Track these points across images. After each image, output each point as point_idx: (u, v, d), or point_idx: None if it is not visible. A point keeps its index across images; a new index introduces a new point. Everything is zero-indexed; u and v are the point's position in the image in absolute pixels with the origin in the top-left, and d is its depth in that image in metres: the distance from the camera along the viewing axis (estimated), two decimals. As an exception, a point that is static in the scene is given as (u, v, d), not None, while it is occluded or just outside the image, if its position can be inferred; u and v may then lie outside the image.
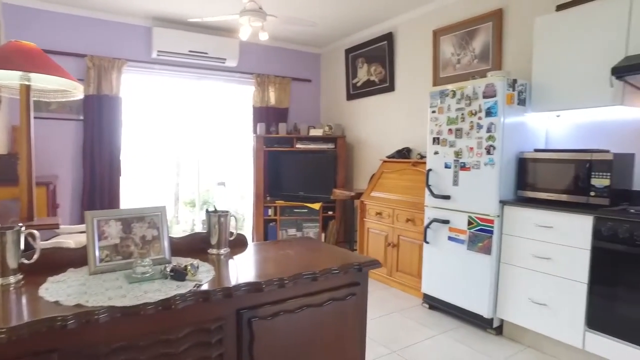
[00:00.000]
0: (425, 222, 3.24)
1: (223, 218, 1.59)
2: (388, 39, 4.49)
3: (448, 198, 3.07)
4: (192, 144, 5.05)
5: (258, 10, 3.22)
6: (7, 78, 1.95)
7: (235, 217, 1.68)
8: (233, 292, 1.20)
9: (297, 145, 5.01)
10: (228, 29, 4.73)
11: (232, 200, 5.49)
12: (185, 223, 5.43)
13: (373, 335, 2.75)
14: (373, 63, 4.75)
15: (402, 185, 3.93)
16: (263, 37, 3.45)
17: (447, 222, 3.07)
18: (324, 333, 1.39)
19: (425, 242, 3.25)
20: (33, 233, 1.27)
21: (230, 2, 3.88)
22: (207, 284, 1.23)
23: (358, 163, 5.20)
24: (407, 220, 3.65)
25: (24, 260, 1.25)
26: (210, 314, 1.20)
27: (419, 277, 3.40)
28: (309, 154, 5.05)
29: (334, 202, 4.95)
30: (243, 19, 3.25)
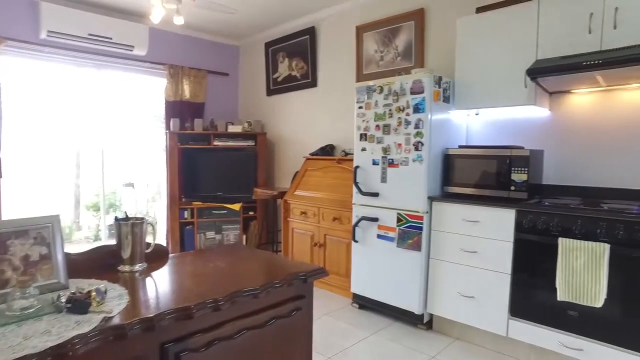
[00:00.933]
0: (354, 220, 3.17)
1: (137, 228, 1.31)
2: (310, 34, 4.37)
3: (376, 195, 3.03)
4: (94, 141, 4.45)
5: (172, -10, 2.87)
6: None
7: (153, 224, 1.40)
8: (156, 322, 0.95)
9: (214, 143, 4.67)
10: (137, 12, 4.24)
11: (142, 203, 4.97)
12: (89, 229, 4.78)
13: (305, 343, 2.60)
14: (295, 58, 4.60)
15: (327, 183, 3.83)
16: (178, 21, 3.10)
17: (375, 219, 3.03)
18: (268, 357, 1.20)
19: (354, 240, 3.17)
20: None
21: (137, -20, 3.45)
22: (119, 315, 0.97)
23: (280, 161, 5.02)
24: (333, 219, 3.56)
25: None
26: (126, 355, 0.93)
27: (348, 276, 3.33)
28: (228, 152, 4.75)
29: (255, 202, 4.71)
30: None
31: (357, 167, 3.17)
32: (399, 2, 3.58)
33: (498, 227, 2.46)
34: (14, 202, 3.93)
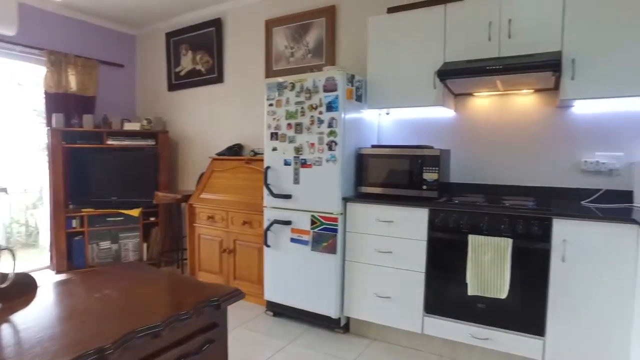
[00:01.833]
0: (265, 224, 3.01)
1: (-10, 253, 1.01)
2: (216, 26, 4.09)
3: (289, 197, 2.90)
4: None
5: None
6: None
7: (12, 251, 1.09)
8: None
9: (108, 142, 4.16)
10: (-1, -13, 3.57)
11: (17, 211, 4.24)
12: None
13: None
14: (199, 51, 4.27)
15: (236, 185, 3.60)
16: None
17: (288, 223, 2.90)
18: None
19: (266, 245, 3.01)
20: None
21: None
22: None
23: (184, 161, 4.64)
24: (244, 223, 3.35)
25: None
26: None
27: (261, 283, 3.16)
28: (124, 152, 4.26)
29: (157, 206, 4.30)
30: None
31: (267, 167, 3.00)
32: (309, -2, 3.49)
33: (412, 226, 2.48)
34: None
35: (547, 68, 2.15)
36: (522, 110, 2.75)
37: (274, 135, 2.96)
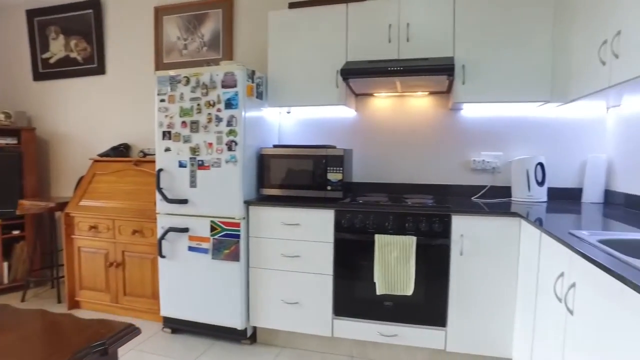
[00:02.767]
0: (159, 232, 2.70)
1: None
2: (95, 8, 3.59)
3: (185, 202, 2.64)
4: None
5: None
6: None
7: None
8: None
9: (-50, 140, 3.40)
10: None
11: None
12: None
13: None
14: (73, 36, 3.72)
15: (123, 190, 3.20)
16: None
17: (186, 230, 2.64)
18: None
19: (161, 256, 2.71)
20: None
21: None
22: None
23: (58, 164, 4.01)
24: (134, 232, 2.99)
25: None
26: None
27: (156, 298, 2.84)
28: (-25, 153, 3.52)
29: (23, 217, 3.64)
30: None
31: (160, 170, 2.70)
32: (204, -14, 3.24)
33: (318, 228, 2.42)
34: None
35: (443, 72, 2.25)
36: (418, 112, 2.87)
37: (167, 134, 2.67)
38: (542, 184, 2.51)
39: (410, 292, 2.21)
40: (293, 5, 2.75)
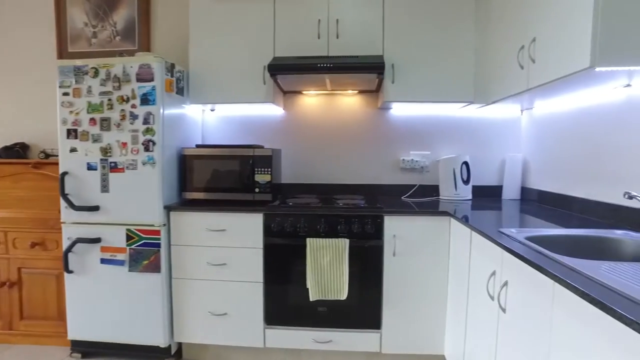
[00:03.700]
0: (65, 244, 2.38)
1: None
2: (-23, -15, 3.08)
3: (96, 209, 2.35)
4: None
5: None
6: None
7: None
8: None
9: None
10: None
11: None
12: None
13: None
14: (-49, 16, 3.17)
15: (19, 197, 2.78)
16: None
17: (97, 240, 2.35)
18: None
19: (67, 271, 2.39)
20: None
21: None
22: None
23: None
24: (33, 246, 2.60)
25: None
26: None
27: (63, 319, 2.51)
28: None
29: None
30: None
31: (64, 173, 2.38)
32: (114, -32, 2.92)
33: (246, 233, 2.28)
34: None
35: (374, 70, 2.23)
36: (348, 110, 2.84)
37: (73, 133, 2.36)
38: (467, 183, 2.60)
39: (345, 296, 2.15)
40: (216, -5, 2.56)
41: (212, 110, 2.91)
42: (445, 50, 2.39)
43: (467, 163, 2.60)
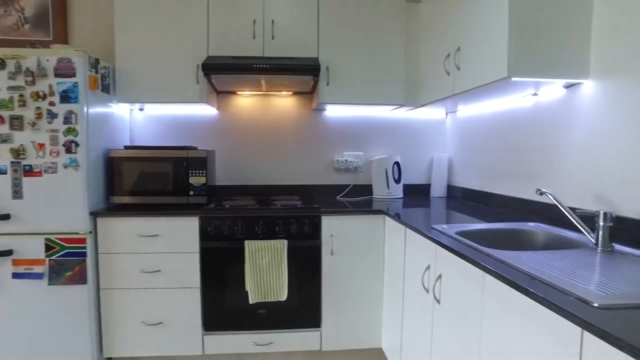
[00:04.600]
0: (-32, 257, 2.12)
1: None
2: None
3: (7, 218, 2.12)
4: None
5: None
6: None
7: None
8: None
9: None
10: None
11: None
12: None
13: None
14: None
15: None
16: None
17: (8, 253, 2.12)
18: None
19: (-28, 287, 2.13)
20: None
21: None
22: None
23: None
24: None
25: None
26: None
27: (-35, 342, 2.22)
28: None
29: None
30: None
31: (-32, 178, 2.12)
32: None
33: (181, 238, 2.19)
34: None
35: (310, 72, 2.26)
36: (283, 112, 2.84)
37: (-25, 133, 2.10)
38: (398, 182, 2.74)
39: (285, 297, 2.16)
40: (143, -12, 2.43)
41: (140, 110, 2.76)
42: (378, 55, 2.50)
43: (398, 163, 2.74)
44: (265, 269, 2.15)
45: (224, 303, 2.21)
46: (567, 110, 1.71)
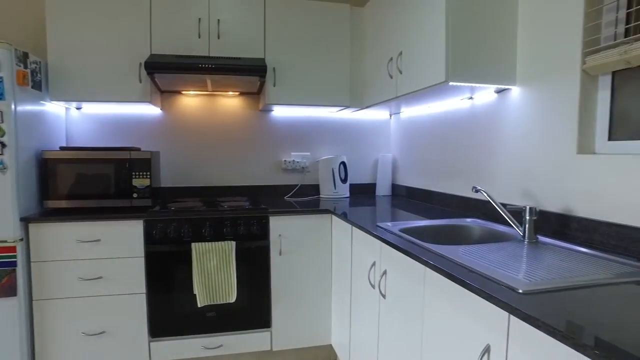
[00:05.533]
0: None
1: None
2: None
3: None
4: None
5: None
6: None
7: None
8: None
9: None
10: None
11: None
12: None
13: None
14: None
15: None
16: None
17: None
18: None
19: None
20: None
21: None
22: None
23: None
24: None
25: None
26: None
27: None
28: None
29: None
30: None
31: None
32: None
33: (125, 242, 2.11)
34: None
35: (257, 73, 2.26)
36: (229, 112, 2.81)
37: None
38: (345, 181, 2.80)
39: (234, 299, 2.14)
40: (79, -19, 2.31)
41: (78, 109, 2.62)
42: (324, 57, 2.54)
43: (344, 163, 2.80)
44: (214, 271, 2.13)
45: (172, 307, 2.16)
46: (498, 114, 1.85)
